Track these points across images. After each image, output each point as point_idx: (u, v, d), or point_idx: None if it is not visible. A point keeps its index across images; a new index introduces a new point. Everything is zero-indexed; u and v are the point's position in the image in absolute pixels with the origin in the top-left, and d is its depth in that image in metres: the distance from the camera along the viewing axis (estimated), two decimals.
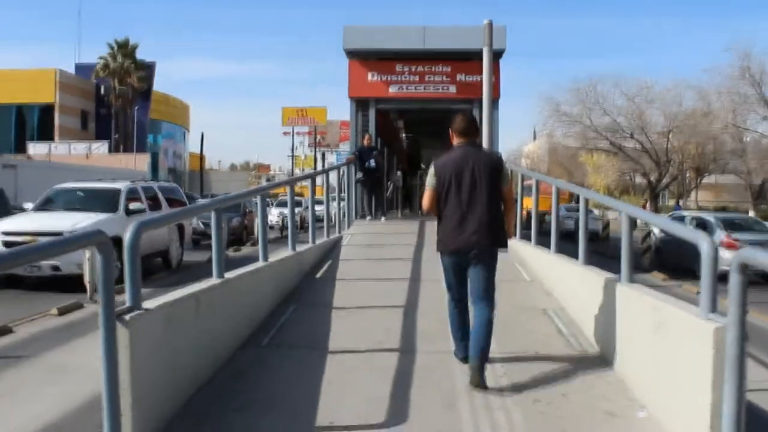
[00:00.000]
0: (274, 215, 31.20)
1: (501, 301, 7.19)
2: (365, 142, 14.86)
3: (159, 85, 62.67)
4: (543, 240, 9.52)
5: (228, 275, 5.87)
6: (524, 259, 9.81)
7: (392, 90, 16.22)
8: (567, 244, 8.50)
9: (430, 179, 5.28)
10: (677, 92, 42.97)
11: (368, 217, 15.39)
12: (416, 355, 5.67)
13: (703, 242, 3.87)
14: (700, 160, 47.51)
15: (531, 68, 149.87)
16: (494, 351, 5.63)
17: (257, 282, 6.63)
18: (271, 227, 30.17)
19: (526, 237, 10.63)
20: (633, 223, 5.56)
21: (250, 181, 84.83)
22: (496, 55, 14.98)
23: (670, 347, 4.23)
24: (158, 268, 15.37)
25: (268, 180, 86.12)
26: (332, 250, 10.79)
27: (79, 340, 7.72)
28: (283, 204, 27.11)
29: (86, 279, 10.34)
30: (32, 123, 53.12)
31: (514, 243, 11.04)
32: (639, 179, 56.65)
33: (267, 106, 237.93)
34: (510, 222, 5.52)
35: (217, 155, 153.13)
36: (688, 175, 50.81)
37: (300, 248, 9.04)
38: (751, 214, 43.67)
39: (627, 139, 44.68)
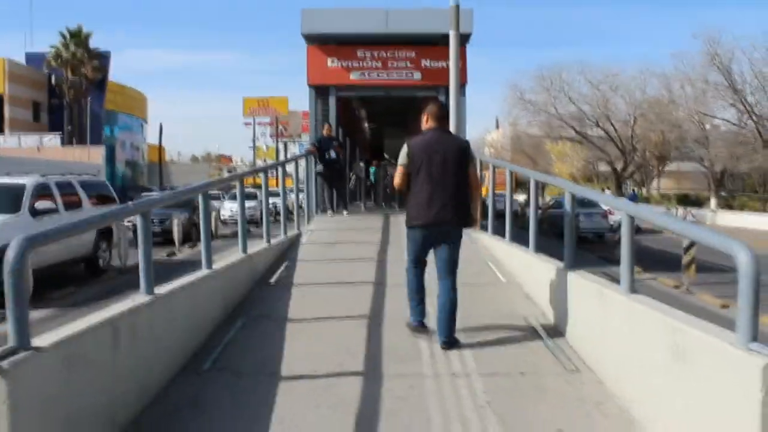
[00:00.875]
0: (227, 210, 29.80)
1: (478, 309, 6.48)
2: (325, 132, 13.95)
3: (117, 76, 60.62)
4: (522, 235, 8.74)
5: (161, 289, 4.98)
6: (498, 258, 9.06)
7: (353, 77, 15.29)
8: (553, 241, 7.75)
9: (402, 158, 5.62)
10: (642, 80, 42.89)
11: (329, 212, 14.53)
12: (383, 380, 4.83)
13: (740, 253, 3.09)
14: (663, 148, 47.48)
15: (494, 56, 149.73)
16: (472, 369, 4.98)
17: (198, 295, 5.71)
18: (225, 222, 28.72)
19: (498, 232, 9.89)
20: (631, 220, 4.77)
21: (210, 173, 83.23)
22: (463, 39, 14.19)
23: (694, 383, 3.43)
24: (79, 277, 13.99)
25: (229, 171, 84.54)
26: (289, 250, 9.91)
27: None
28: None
29: None
30: None
31: (485, 238, 10.31)
32: (603, 167, 56.63)
33: (228, 97, 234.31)
34: (476, 206, 5.91)
35: (177, 147, 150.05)
36: (650, 163, 50.74)
37: (253, 249, 8.16)
38: (713, 201, 43.92)
39: (592, 127, 44.41)
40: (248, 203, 25.75)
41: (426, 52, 15.31)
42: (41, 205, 12.39)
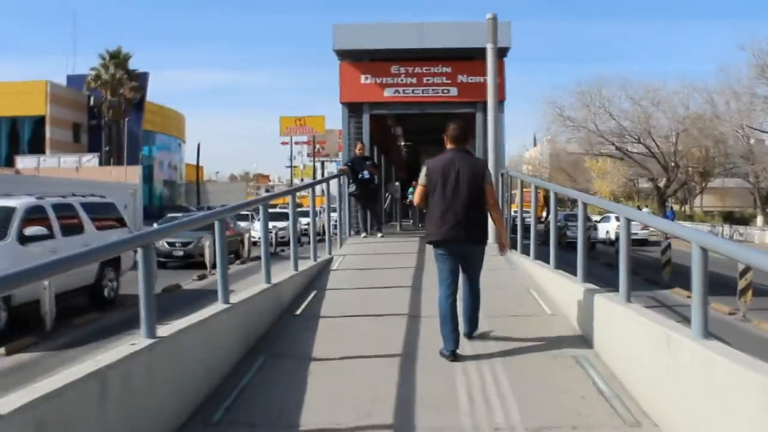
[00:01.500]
0: (258, 231, 28.88)
1: (521, 345, 5.87)
2: (358, 151, 13.44)
3: (154, 96, 61.14)
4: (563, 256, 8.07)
5: (167, 329, 4.46)
6: (541, 286, 8.39)
7: (387, 93, 14.78)
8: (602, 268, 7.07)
9: (422, 178, 5.96)
10: (685, 94, 41.65)
11: (363, 234, 13.99)
12: None
13: None
14: (706, 164, 46.15)
15: (532, 72, 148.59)
16: (517, 421, 4.38)
17: (211, 333, 5.17)
18: (256, 243, 27.45)
19: (543, 256, 9.25)
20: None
21: (247, 192, 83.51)
22: (501, 54, 13.58)
23: None
24: (81, 309, 12.68)
25: (267, 191, 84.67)
26: (319, 277, 9.37)
27: None
28: (274, 217, 25.56)
29: None
30: (25, 136, 51.87)
31: (526, 263, 9.66)
32: (643, 184, 55.32)
33: (266, 115, 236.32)
34: (499, 225, 6.41)
35: (215, 166, 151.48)
36: (693, 179, 49.36)
37: (279, 277, 7.64)
38: (759, 219, 42.38)
39: (633, 143, 43.29)
40: (281, 223, 25.68)
41: (462, 68, 14.74)
42: (31, 230, 11.20)
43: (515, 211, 14.38)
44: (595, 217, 33.36)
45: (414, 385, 5.09)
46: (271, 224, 28.00)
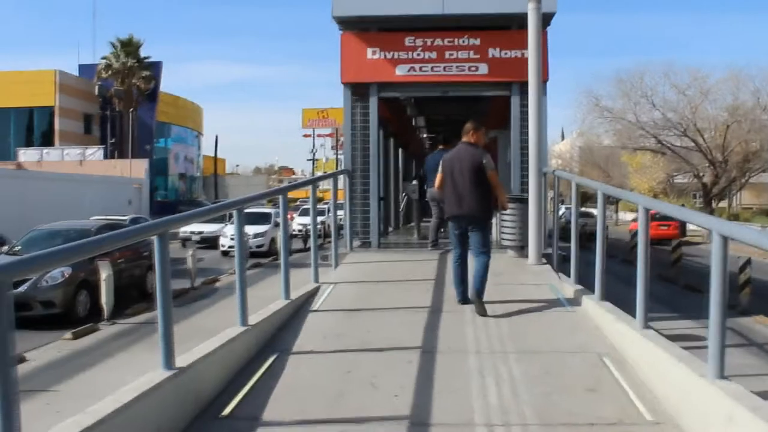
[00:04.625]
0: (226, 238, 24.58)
1: None
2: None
3: (174, 89, 58.84)
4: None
5: None
6: (622, 353, 5.42)
7: (400, 72, 11.63)
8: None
9: (439, 167, 7.51)
10: (735, 83, 37.82)
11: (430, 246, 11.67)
12: None
13: None
14: (755, 158, 42.37)
15: (561, 62, 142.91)
16: None
17: None
18: (226, 254, 23.67)
19: (616, 296, 6.31)
20: None
21: (269, 185, 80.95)
22: (544, 21, 10.49)
23: None
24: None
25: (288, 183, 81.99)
26: (288, 326, 6.44)
27: None
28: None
29: None
30: (36, 127, 49.73)
31: (589, 303, 6.70)
32: (680, 180, 51.57)
33: (289, 108, 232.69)
34: (499, 194, 7.38)
35: (237, 159, 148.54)
36: (742, 175, 45.55)
37: (203, 348, 4.76)
38: None
39: (679, 136, 39.59)
40: (260, 228, 23.22)
41: (494, 39, 11.57)
42: None
43: (564, 216, 11.14)
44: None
45: None
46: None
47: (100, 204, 28.49)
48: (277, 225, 16.49)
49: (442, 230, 11.78)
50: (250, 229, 23.07)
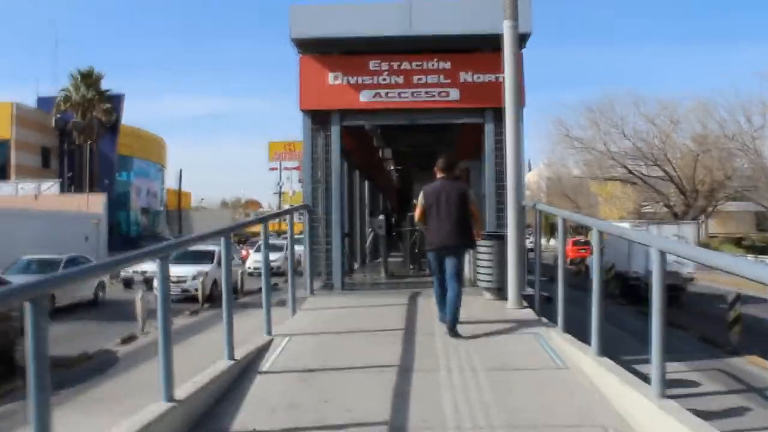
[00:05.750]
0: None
1: None
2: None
3: (141, 123, 57.37)
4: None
5: None
6: (629, 420, 4.45)
7: (364, 98, 10.70)
8: None
9: (420, 199, 7.77)
10: (704, 113, 37.70)
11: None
12: None
13: None
14: (721, 188, 42.29)
15: (527, 94, 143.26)
16: None
17: None
18: (196, 292, 21.97)
19: (616, 345, 5.36)
20: None
21: (236, 218, 79.51)
22: (521, 41, 9.66)
23: None
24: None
25: (256, 216, 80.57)
26: (227, 397, 5.34)
27: None
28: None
29: None
30: None
31: (584, 359, 5.73)
32: (649, 209, 51.44)
33: (255, 142, 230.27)
34: (477, 227, 7.87)
35: (202, 193, 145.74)
36: (711, 204, 45.44)
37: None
38: None
39: (648, 165, 39.28)
40: (203, 267, 21.71)
41: (466, 62, 10.73)
42: None
43: (545, 252, 10.18)
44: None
45: None
46: (181, 270, 22.19)
47: (50, 240, 27.01)
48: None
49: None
50: (190, 270, 21.75)
